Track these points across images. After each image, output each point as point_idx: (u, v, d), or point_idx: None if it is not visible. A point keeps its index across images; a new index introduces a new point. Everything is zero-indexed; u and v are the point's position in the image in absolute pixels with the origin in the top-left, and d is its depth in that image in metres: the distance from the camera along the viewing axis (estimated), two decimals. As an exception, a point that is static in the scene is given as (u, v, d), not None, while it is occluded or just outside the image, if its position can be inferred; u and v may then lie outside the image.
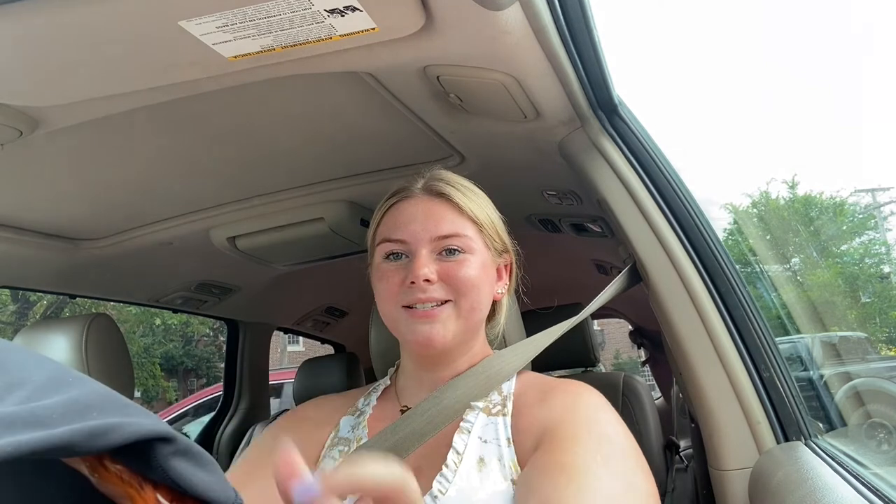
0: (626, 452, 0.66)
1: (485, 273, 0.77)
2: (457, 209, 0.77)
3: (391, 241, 0.76)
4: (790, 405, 0.86)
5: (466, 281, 0.74)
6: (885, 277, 13.71)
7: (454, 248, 0.75)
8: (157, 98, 0.78)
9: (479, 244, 0.77)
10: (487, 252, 0.78)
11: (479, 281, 0.75)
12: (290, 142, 1.09)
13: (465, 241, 0.75)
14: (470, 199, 0.78)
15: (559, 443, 0.65)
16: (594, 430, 0.66)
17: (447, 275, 0.74)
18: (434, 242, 0.75)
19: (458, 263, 0.74)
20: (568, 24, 0.73)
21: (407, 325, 0.74)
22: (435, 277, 0.73)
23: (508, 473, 0.68)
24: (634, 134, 0.97)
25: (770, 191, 15.26)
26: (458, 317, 0.74)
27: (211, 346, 15.40)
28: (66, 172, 1.07)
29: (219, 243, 1.45)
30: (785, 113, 35.50)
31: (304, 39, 0.65)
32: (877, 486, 0.66)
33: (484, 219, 0.78)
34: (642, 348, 3.21)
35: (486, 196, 0.84)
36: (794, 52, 38.30)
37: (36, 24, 0.59)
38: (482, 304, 0.76)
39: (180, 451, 0.30)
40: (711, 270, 0.91)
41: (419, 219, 0.76)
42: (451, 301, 0.74)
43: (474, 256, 0.76)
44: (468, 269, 0.74)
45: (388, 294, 0.76)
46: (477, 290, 0.75)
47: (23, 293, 10.34)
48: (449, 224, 0.75)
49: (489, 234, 0.79)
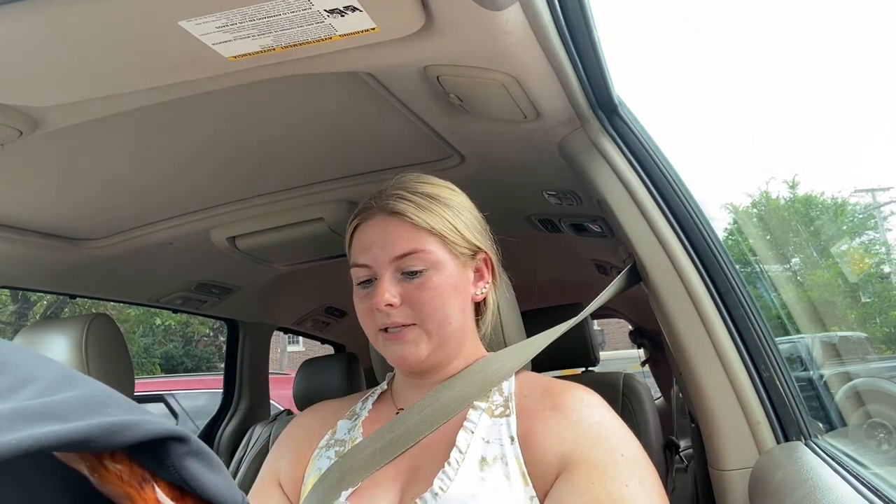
0: (648, 464, 0.68)
1: (451, 285, 0.76)
2: (412, 226, 0.76)
3: (358, 265, 0.79)
4: (790, 405, 0.86)
5: (428, 304, 0.75)
6: (885, 277, 13.71)
7: (415, 270, 0.75)
8: (156, 98, 0.78)
9: (441, 255, 0.77)
10: (453, 260, 0.78)
11: (442, 299, 0.75)
12: (290, 142, 1.09)
13: (424, 257, 0.76)
14: (427, 210, 0.77)
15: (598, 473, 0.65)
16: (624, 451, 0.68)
17: (409, 298, 0.75)
18: (394, 263, 0.76)
19: (419, 286, 0.75)
20: (568, 24, 0.73)
21: (384, 347, 0.78)
22: (397, 301, 0.74)
23: (512, 472, 0.68)
24: (634, 134, 0.97)
25: (770, 191, 15.27)
26: (428, 335, 0.76)
27: (211, 346, 15.39)
28: (66, 172, 1.07)
29: (219, 243, 1.45)
30: (785, 113, 35.49)
31: (304, 39, 0.65)
32: (877, 486, 0.66)
33: (443, 227, 0.77)
34: (642, 348, 3.21)
35: (458, 192, 0.83)
36: (795, 52, 38.30)
37: (36, 24, 0.59)
38: (450, 317, 0.76)
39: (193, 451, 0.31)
40: (711, 270, 0.91)
41: (377, 241, 0.77)
42: (415, 324, 0.75)
43: (437, 272, 0.76)
44: (428, 292, 0.75)
45: (364, 319, 0.79)
46: (441, 309, 0.75)
47: (23, 293, 10.34)
48: (406, 242, 0.76)
49: (452, 242, 0.78)
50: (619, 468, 0.65)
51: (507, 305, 0.91)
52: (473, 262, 0.81)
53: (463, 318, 0.79)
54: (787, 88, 36.19)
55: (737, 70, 39.55)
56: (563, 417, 0.71)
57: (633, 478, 0.65)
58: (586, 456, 0.67)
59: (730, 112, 38.40)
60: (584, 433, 0.69)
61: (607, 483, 0.64)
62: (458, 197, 0.83)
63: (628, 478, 0.65)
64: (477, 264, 0.82)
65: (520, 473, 0.69)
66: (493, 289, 0.85)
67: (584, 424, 0.70)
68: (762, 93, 36.25)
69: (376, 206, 0.79)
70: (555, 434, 0.70)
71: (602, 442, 0.68)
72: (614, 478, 0.64)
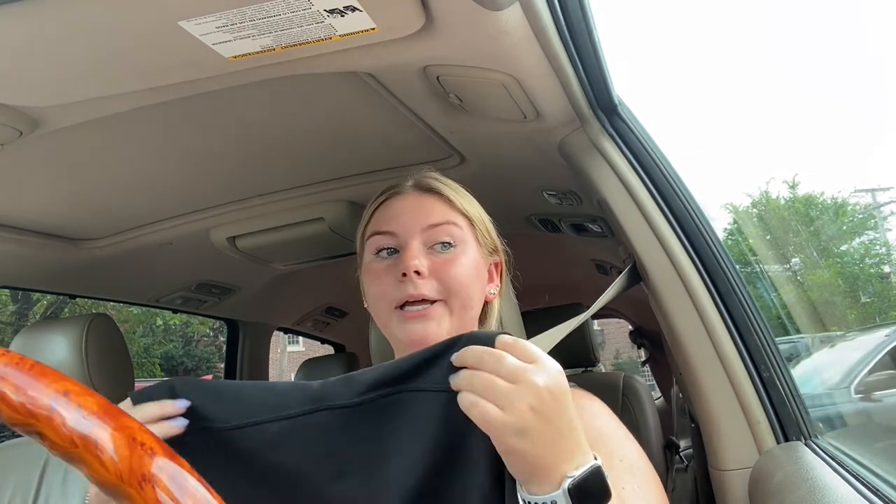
0: (648, 469, 0.67)
1: (476, 270, 0.76)
2: (448, 202, 0.77)
3: (381, 233, 0.75)
4: (790, 405, 0.86)
5: (458, 278, 0.73)
6: (885, 277, 13.71)
7: (446, 242, 0.74)
8: (157, 98, 0.78)
9: (470, 238, 0.76)
10: (479, 248, 0.78)
11: (470, 279, 0.74)
12: (290, 142, 1.09)
13: (457, 232, 0.75)
14: (461, 195, 0.79)
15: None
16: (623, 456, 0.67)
17: (438, 271, 0.72)
18: (425, 233, 0.74)
19: (450, 260, 0.73)
20: (568, 25, 0.73)
21: (399, 326, 0.73)
22: (426, 272, 0.72)
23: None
24: (634, 134, 0.97)
25: (770, 191, 15.27)
26: (450, 314, 0.73)
27: (211, 346, 15.40)
28: (66, 172, 1.07)
29: (219, 243, 1.45)
30: (785, 113, 35.52)
31: (304, 39, 0.65)
32: (877, 486, 0.66)
33: (475, 214, 0.78)
34: (642, 348, 3.21)
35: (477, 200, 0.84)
36: (795, 52, 38.32)
37: (36, 24, 0.59)
38: (473, 301, 0.75)
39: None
40: (711, 270, 0.91)
41: (409, 211, 0.75)
42: (441, 301, 0.72)
43: (466, 250, 0.75)
44: (459, 266, 0.73)
45: (379, 294, 0.74)
46: (468, 288, 0.74)
47: (23, 293, 10.34)
48: (440, 214, 0.75)
49: (480, 231, 0.78)
50: (616, 473, 0.64)
51: (508, 305, 0.91)
52: (491, 259, 0.81)
53: (477, 310, 0.77)
54: (787, 88, 36.24)
55: (737, 70, 39.58)
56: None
57: (631, 482, 0.64)
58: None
59: (730, 112, 38.44)
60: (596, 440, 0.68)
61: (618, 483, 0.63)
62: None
63: (625, 482, 0.64)
64: (493, 262, 0.82)
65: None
66: (500, 295, 0.84)
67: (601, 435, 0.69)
68: (762, 93, 36.29)
69: (409, 185, 0.79)
70: None
71: (600, 448, 0.67)
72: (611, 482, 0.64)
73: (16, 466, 1.28)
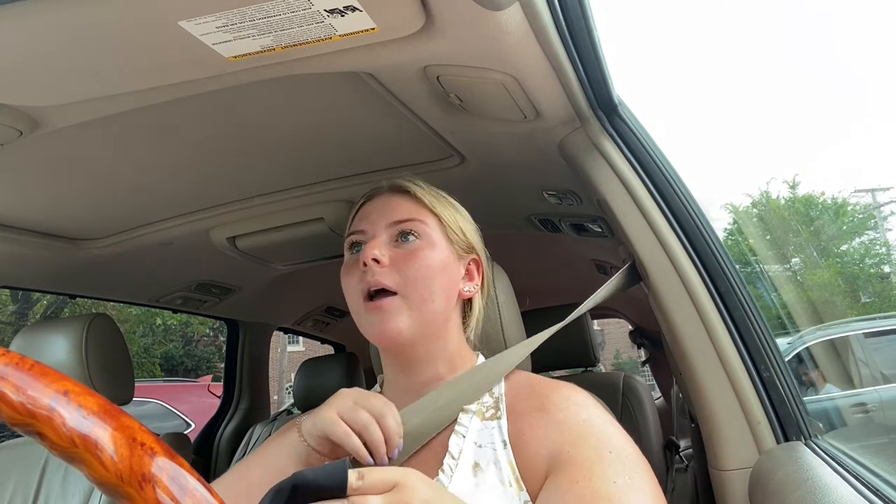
0: (639, 460, 0.66)
1: (441, 265, 0.76)
2: (416, 200, 0.79)
3: (354, 232, 0.79)
4: (790, 405, 0.86)
5: (417, 269, 0.74)
6: (885, 277, 13.72)
7: (408, 232, 0.76)
8: (157, 98, 0.78)
9: (437, 235, 0.78)
10: (448, 245, 0.78)
11: (431, 271, 0.74)
12: (290, 142, 1.09)
13: (420, 227, 0.77)
14: (432, 195, 0.80)
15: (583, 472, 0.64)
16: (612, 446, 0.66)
17: (398, 261, 0.74)
18: (390, 228, 0.77)
19: (411, 252, 0.75)
20: (568, 24, 0.73)
21: (365, 319, 0.75)
22: (385, 260, 0.74)
23: (506, 477, 0.68)
24: (634, 134, 0.97)
25: (770, 191, 15.27)
26: (409, 308, 0.73)
27: (211, 346, 15.39)
28: (66, 172, 1.07)
29: (219, 243, 1.45)
30: (785, 113, 35.50)
31: (304, 39, 0.65)
32: (877, 486, 0.66)
33: (444, 213, 0.79)
34: (642, 348, 3.22)
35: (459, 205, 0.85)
36: (795, 52, 38.31)
37: (36, 24, 0.59)
38: (434, 294, 0.75)
39: None
40: (711, 270, 0.91)
41: (379, 209, 0.79)
42: (400, 294, 0.73)
43: (430, 245, 0.76)
44: (420, 259, 0.74)
45: (348, 287, 0.77)
46: (428, 280, 0.74)
47: (23, 293, 10.34)
48: (406, 211, 0.78)
49: (451, 229, 0.79)
50: (605, 465, 0.64)
51: (508, 305, 0.91)
52: (466, 259, 0.81)
53: (447, 305, 0.77)
54: (787, 88, 36.21)
55: (737, 70, 39.57)
56: (550, 417, 0.70)
57: (622, 474, 0.63)
58: (572, 455, 0.65)
59: (730, 112, 38.43)
60: (570, 431, 0.68)
61: (593, 481, 0.62)
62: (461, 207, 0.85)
63: (616, 475, 0.63)
64: (468, 263, 0.82)
65: (514, 478, 0.68)
66: (481, 293, 0.84)
67: (570, 423, 0.69)
68: (762, 93, 36.27)
69: (384, 187, 0.82)
70: (542, 435, 0.69)
71: (589, 440, 0.67)
72: (601, 475, 0.63)
73: (16, 466, 1.28)
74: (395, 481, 0.53)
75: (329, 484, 0.49)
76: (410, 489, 0.53)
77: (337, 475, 0.49)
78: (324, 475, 0.49)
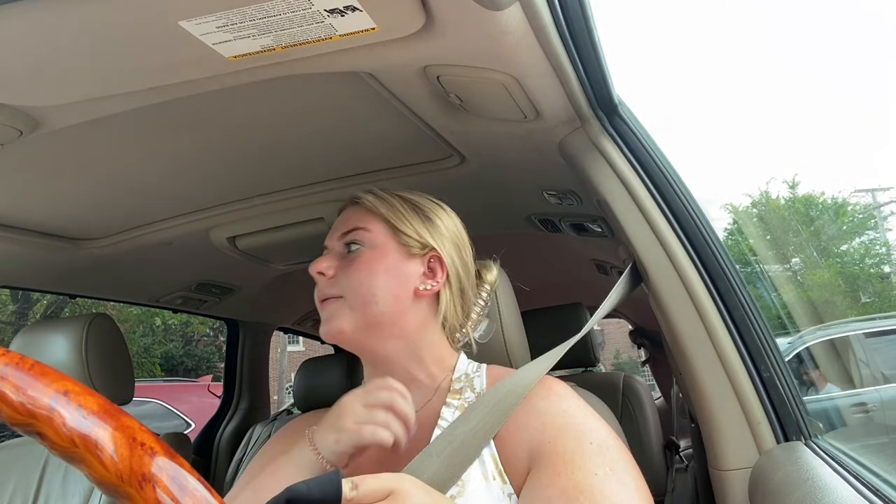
0: (620, 450, 0.66)
1: (383, 268, 0.78)
2: (363, 209, 0.82)
3: (323, 248, 0.84)
4: (790, 405, 0.86)
5: (353, 277, 0.77)
6: (885, 277, 13.72)
7: (352, 242, 0.80)
8: (157, 98, 0.78)
9: (383, 239, 0.79)
10: (397, 247, 0.79)
11: (370, 275, 0.77)
12: (290, 142, 1.09)
13: (363, 235, 0.80)
14: (384, 200, 0.82)
15: (564, 464, 0.64)
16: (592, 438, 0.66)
17: (343, 268, 0.79)
18: (340, 240, 0.81)
19: (352, 260, 0.79)
20: (568, 24, 0.73)
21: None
22: (330, 272, 0.79)
23: (489, 471, 0.68)
24: (634, 134, 0.97)
25: (770, 191, 15.27)
26: (350, 309, 0.77)
27: (211, 346, 15.39)
28: (66, 172, 1.07)
29: (219, 243, 1.45)
30: (785, 113, 35.50)
31: (304, 39, 0.65)
32: (877, 486, 0.66)
33: (393, 216, 0.80)
34: (642, 348, 3.22)
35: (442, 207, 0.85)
36: (795, 52, 38.31)
37: (36, 24, 0.59)
38: (377, 296, 0.76)
39: None
40: (711, 270, 0.91)
41: (336, 224, 0.84)
42: (342, 297, 0.78)
43: (373, 251, 0.79)
44: (357, 266, 0.78)
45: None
46: (366, 285, 0.76)
47: (23, 293, 10.34)
48: (353, 221, 0.81)
49: (399, 230, 0.80)
50: (587, 457, 0.64)
51: (508, 305, 0.91)
52: (422, 257, 0.81)
53: (396, 306, 0.77)
54: (787, 88, 36.20)
55: (737, 70, 39.56)
56: (530, 409, 0.70)
57: (603, 466, 0.63)
58: (553, 447, 0.66)
59: (730, 112, 38.42)
60: (551, 423, 0.68)
61: (575, 473, 0.62)
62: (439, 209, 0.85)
63: (598, 466, 0.63)
64: (430, 261, 0.81)
65: (497, 472, 0.68)
66: (448, 289, 0.81)
67: (550, 414, 0.69)
68: (762, 93, 36.26)
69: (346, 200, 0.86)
70: (523, 428, 0.69)
71: (569, 430, 0.67)
72: (582, 467, 0.63)
73: (16, 466, 1.28)
74: (391, 489, 0.53)
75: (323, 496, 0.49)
76: (405, 496, 0.53)
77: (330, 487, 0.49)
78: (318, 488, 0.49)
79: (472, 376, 0.80)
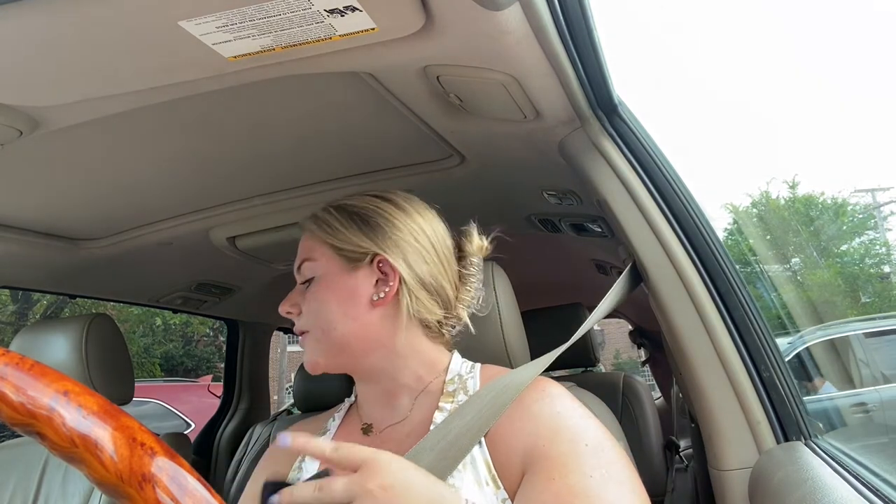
0: (615, 451, 0.65)
1: (333, 293, 0.77)
2: (308, 235, 0.82)
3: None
4: (790, 405, 0.86)
5: (311, 312, 0.78)
6: (885, 277, 13.72)
7: (308, 280, 0.80)
8: (157, 98, 0.78)
9: (327, 265, 0.78)
10: (343, 267, 0.77)
11: (322, 306, 0.77)
12: (290, 142, 1.09)
13: (311, 266, 0.80)
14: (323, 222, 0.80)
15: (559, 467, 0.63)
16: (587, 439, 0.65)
17: (304, 304, 0.80)
18: (298, 273, 0.82)
19: (309, 296, 0.79)
20: (568, 24, 0.73)
21: None
22: (293, 310, 0.80)
23: (482, 476, 0.67)
24: (634, 134, 0.97)
25: (770, 191, 15.27)
26: (316, 341, 0.78)
27: (211, 346, 15.38)
28: (66, 172, 1.07)
29: (219, 243, 1.45)
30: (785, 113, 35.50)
31: (304, 39, 0.65)
32: (877, 486, 0.66)
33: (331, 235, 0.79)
34: (642, 348, 3.22)
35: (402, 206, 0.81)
36: (795, 51, 38.31)
37: (36, 24, 0.59)
38: (333, 323, 0.76)
39: None
40: (711, 270, 0.91)
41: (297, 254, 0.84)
42: (307, 332, 0.79)
43: (322, 279, 0.78)
44: (311, 300, 0.78)
45: None
46: (322, 316, 0.77)
47: (23, 293, 10.34)
48: (302, 254, 0.82)
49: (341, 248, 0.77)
50: (581, 459, 0.63)
51: (507, 305, 0.91)
52: (371, 265, 0.77)
53: (357, 322, 0.76)
54: (787, 88, 36.22)
55: (737, 70, 39.57)
56: (524, 412, 0.69)
57: (598, 467, 0.62)
58: (547, 450, 0.65)
59: (730, 112, 38.42)
60: (545, 426, 0.67)
61: (569, 477, 0.61)
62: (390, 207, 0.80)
63: (592, 468, 0.62)
64: (379, 266, 0.77)
65: (490, 477, 0.67)
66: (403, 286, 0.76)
67: (543, 417, 0.68)
68: (763, 93, 36.27)
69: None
70: (517, 431, 0.68)
71: (563, 433, 0.66)
72: (576, 470, 0.62)
73: (16, 466, 1.28)
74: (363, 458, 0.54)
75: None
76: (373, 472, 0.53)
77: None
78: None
79: (466, 377, 0.77)
